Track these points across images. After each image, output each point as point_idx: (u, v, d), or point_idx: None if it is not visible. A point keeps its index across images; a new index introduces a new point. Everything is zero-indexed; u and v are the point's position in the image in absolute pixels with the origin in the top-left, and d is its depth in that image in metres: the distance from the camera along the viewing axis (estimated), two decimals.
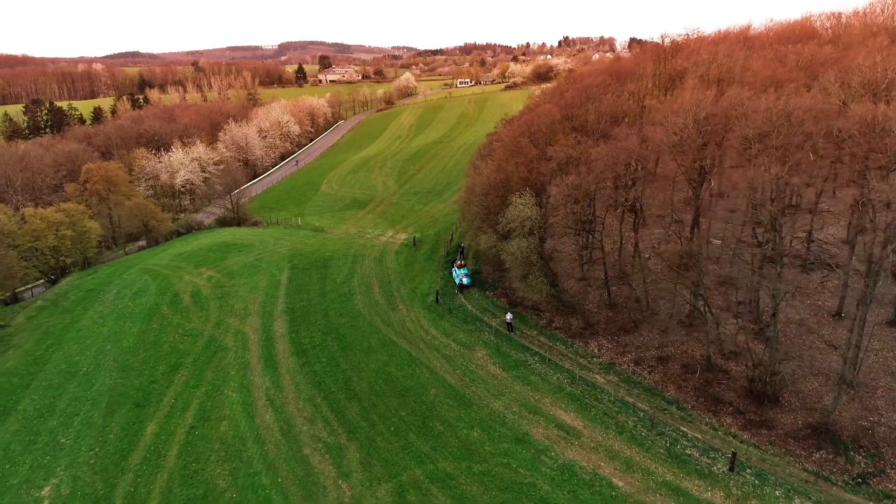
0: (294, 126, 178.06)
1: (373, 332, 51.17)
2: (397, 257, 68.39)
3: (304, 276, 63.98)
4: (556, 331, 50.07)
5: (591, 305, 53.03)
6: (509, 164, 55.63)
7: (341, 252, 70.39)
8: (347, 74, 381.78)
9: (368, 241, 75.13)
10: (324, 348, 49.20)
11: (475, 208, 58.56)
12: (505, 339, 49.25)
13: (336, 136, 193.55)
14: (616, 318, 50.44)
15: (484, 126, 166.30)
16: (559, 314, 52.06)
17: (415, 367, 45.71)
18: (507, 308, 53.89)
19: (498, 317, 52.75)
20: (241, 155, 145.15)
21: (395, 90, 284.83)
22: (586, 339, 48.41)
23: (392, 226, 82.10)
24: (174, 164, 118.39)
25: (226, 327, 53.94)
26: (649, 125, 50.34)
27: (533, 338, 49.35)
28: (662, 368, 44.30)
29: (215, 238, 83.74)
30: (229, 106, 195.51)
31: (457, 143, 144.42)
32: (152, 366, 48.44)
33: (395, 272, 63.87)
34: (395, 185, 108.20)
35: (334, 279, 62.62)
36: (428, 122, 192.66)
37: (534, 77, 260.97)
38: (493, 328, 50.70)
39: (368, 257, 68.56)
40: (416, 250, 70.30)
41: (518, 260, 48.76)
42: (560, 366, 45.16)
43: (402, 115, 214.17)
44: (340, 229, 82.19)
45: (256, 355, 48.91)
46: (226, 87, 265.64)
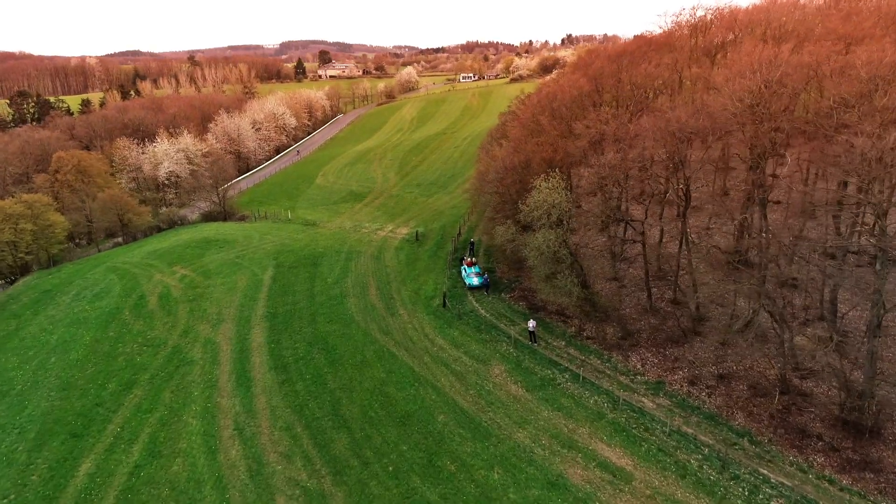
0: (290, 118, 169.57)
1: (368, 343, 42.75)
2: (397, 254, 59.95)
3: (290, 275, 55.56)
4: (588, 341, 41.64)
5: (629, 310, 44.60)
6: (528, 144, 47.25)
7: (334, 248, 61.97)
8: (348, 70, 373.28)
9: (365, 235, 66.73)
10: (309, 362, 40.77)
11: (488, 196, 50.16)
12: (527, 351, 40.82)
13: (335, 130, 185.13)
14: (661, 327, 42.00)
15: (489, 118, 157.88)
16: (590, 321, 43.64)
17: (418, 387, 37.30)
18: (528, 313, 45.45)
19: (517, 324, 44.32)
20: (232, 147, 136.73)
21: (397, 84, 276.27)
22: (626, 352, 39.97)
23: (392, 219, 73.71)
24: (158, 155, 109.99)
25: (194, 336, 45.53)
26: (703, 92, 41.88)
27: (560, 350, 40.92)
28: (725, 389, 35.87)
29: (196, 233, 75.38)
30: (223, 97, 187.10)
31: (461, 134, 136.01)
32: (100, 383, 40.04)
33: (396, 271, 55.44)
34: (395, 176, 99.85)
35: (325, 279, 54.21)
36: (430, 114, 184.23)
37: (539, 70, 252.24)
38: (512, 338, 42.26)
39: (365, 254, 60.14)
40: (419, 246, 61.86)
41: (544, 256, 40.32)
42: (597, 385, 36.76)
43: (404, 108, 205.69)
44: (334, 223, 73.83)
45: (227, 371, 40.49)
46: (221, 80, 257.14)
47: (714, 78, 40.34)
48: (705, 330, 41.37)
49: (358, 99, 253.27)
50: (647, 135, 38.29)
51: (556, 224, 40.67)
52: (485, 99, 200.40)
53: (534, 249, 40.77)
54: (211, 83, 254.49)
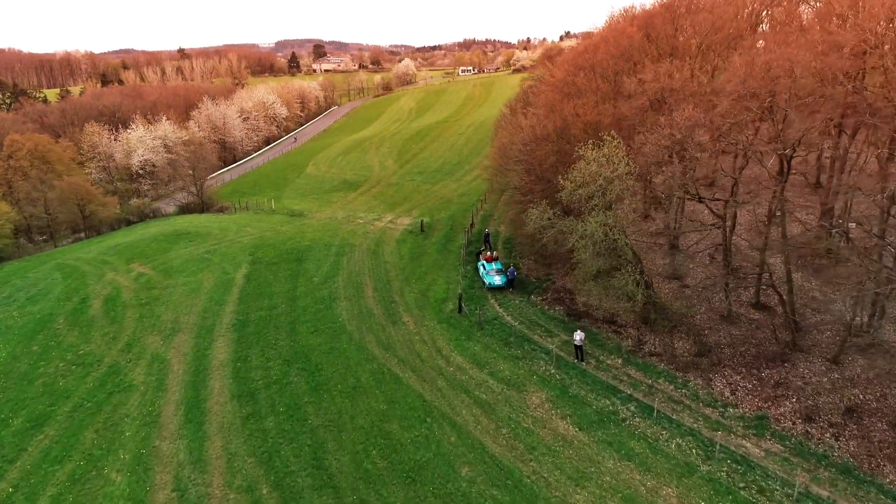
0: (281, 108, 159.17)
1: (363, 361, 32.70)
2: (399, 247, 49.84)
3: (268, 273, 45.41)
4: (652, 359, 31.71)
5: (700, 318, 34.65)
6: (566, 108, 37.22)
7: (323, 241, 51.84)
8: (343, 64, 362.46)
9: (360, 226, 56.60)
10: (284, 387, 30.70)
11: (513, 174, 40.13)
12: (573, 372, 30.86)
13: (328, 122, 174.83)
14: (748, 339, 32.07)
15: (493, 107, 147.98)
16: (651, 331, 33.70)
17: (431, 424, 27.30)
18: (568, 321, 35.59)
19: (555, 335, 34.38)
20: (216, 136, 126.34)
21: (394, 77, 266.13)
22: (706, 374, 30.04)
23: (391, 209, 63.56)
24: (132, 143, 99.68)
25: (139, 351, 35.39)
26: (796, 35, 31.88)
27: (617, 370, 30.98)
28: (858, 429, 25.95)
29: (167, 226, 65.19)
30: (210, 87, 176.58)
31: (465, 121, 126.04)
32: (4, 418, 29.89)
33: (397, 268, 45.34)
34: (394, 164, 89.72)
35: (310, 278, 44.08)
36: (430, 105, 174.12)
37: (544, 59, 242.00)
38: (552, 354, 32.30)
39: (360, 248, 50.01)
40: (425, 238, 51.76)
41: (598, 247, 30.34)
42: (676, 421, 26.82)
43: (402, 99, 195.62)
44: (324, 213, 63.65)
45: (175, 400, 30.40)
46: (210, 71, 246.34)
47: (835, 4, 30.25)
48: (806, 343, 31.46)
49: (353, 91, 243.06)
50: (736, 82, 28.26)
51: (610, 204, 30.64)
52: (487, 89, 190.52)
53: (584, 238, 30.73)
54: (199, 74, 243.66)
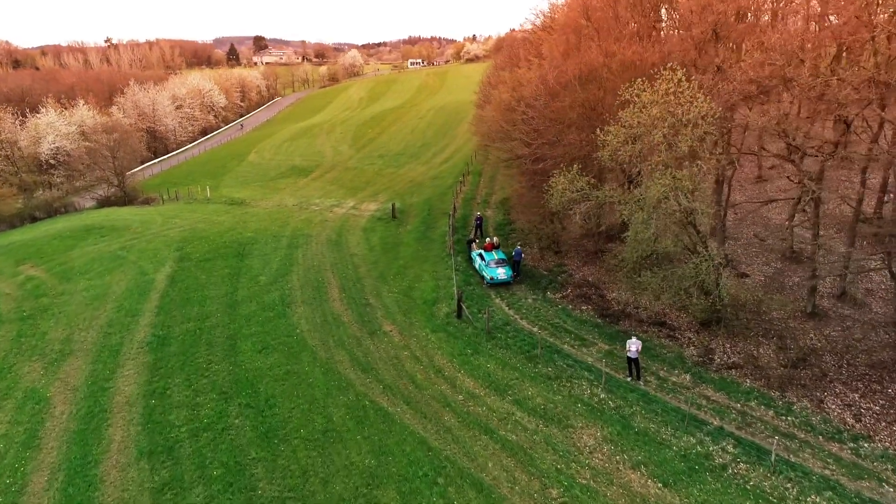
0: (220, 96, 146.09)
1: (335, 390, 23.17)
2: (368, 237, 40.24)
3: (199, 272, 35.12)
4: (731, 372, 23.41)
5: (776, 315, 26.60)
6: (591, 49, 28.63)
7: (270, 232, 41.72)
8: (286, 57, 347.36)
9: (316, 214, 46.62)
10: (220, 437, 20.90)
11: (517, 140, 31.24)
12: (631, 396, 22.22)
13: (272, 112, 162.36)
14: (852, 343, 24.18)
15: (451, 94, 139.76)
16: (717, 335, 25.44)
17: (446, 487, 18.19)
18: (602, 323, 27.11)
19: (591, 343, 25.79)
20: (145, 123, 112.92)
21: (341, 68, 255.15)
22: (810, 392, 21.93)
23: (352, 194, 53.68)
24: (41, 129, 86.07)
25: (7, 385, 24.78)
26: None
27: (688, 390, 22.55)
28: None
29: (77, 221, 53.54)
30: (138, 73, 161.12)
31: (424, 106, 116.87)
32: None
33: (368, 261, 35.80)
34: (349, 149, 79.64)
35: (255, 277, 34.06)
36: (381, 93, 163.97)
37: (496, 50, 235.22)
38: (600, 372, 23.58)
39: (317, 238, 40.15)
40: (399, 225, 42.32)
41: (665, 220, 21.77)
42: (798, 466, 18.64)
43: (350, 89, 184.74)
44: (271, 201, 53.21)
45: (50, 463, 20.17)
46: (139, 59, 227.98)
47: None
48: None
49: (298, 82, 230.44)
50: None
51: (680, 163, 22.10)
52: (441, 78, 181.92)
53: (644, 210, 22.06)
54: (128, 63, 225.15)
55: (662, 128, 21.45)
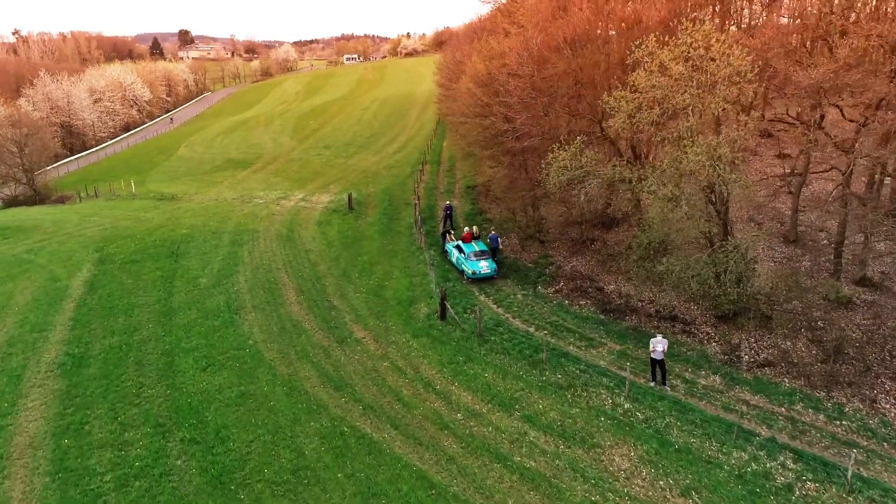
0: (143, 90, 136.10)
1: (303, 414, 18.73)
2: (324, 230, 35.60)
3: (125, 276, 29.66)
4: (764, 370, 20.47)
5: (794, 305, 23.88)
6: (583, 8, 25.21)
7: (209, 228, 36.44)
8: (214, 52, 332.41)
9: (261, 207, 41.44)
10: (157, 484, 16.09)
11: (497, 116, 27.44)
12: (661, 404, 18.86)
13: (202, 107, 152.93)
14: (888, 331, 21.68)
15: (393, 87, 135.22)
16: (738, 328, 22.51)
17: None
18: (607, 320, 23.78)
19: (600, 344, 22.47)
20: (59, 118, 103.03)
21: (274, 63, 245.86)
22: (857, 390, 19.21)
23: (300, 185, 48.58)
24: None
25: None
26: None
27: (722, 393, 19.47)
28: None
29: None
30: (50, 63, 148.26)
31: (367, 98, 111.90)
32: None
33: (328, 258, 31.24)
34: (291, 140, 73.99)
35: (194, 279, 28.93)
36: (319, 87, 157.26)
37: (434, 44, 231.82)
38: (613, 375, 20.14)
39: (265, 234, 35.19)
40: (358, 217, 37.86)
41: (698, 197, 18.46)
42: (876, 483, 15.52)
43: (286, 83, 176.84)
44: (207, 195, 47.47)
45: None
46: (52, 52, 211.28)
47: None
48: None
49: (229, 77, 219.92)
50: None
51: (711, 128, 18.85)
52: (380, 72, 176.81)
53: (669, 184, 18.65)
54: (38, 55, 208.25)
55: (690, 88, 18.09)
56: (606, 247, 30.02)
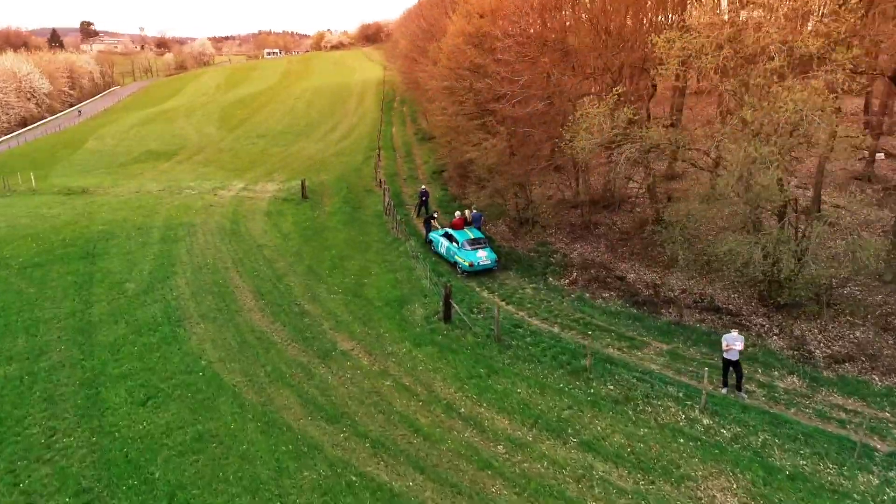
0: (42, 81, 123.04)
1: (289, 461, 13.69)
2: (277, 221, 30.12)
3: (24, 284, 23.31)
4: (842, 367, 17.15)
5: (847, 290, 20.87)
6: None
7: (132, 223, 30.18)
8: (122, 45, 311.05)
9: (194, 198, 35.25)
10: None
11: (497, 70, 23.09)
12: (747, 416, 15.00)
13: (111, 101, 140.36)
14: None
15: (324, 77, 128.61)
16: (792, 317, 19.23)
17: None
18: (643, 315, 20.09)
19: (640, 342, 18.51)
20: None
21: (189, 56, 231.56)
22: None
23: (239, 174, 42.46)
24: None
25: None
26: None
27: (807, 398, 15.89)
28: None
29: None
30: None
31: (297, 88, 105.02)
32: None
33: (287, 252, 25.90)
34: (218, 130, 66.83)
35: (118, 285, 22.97)
36: (241, 80, 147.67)
37: (361, 38, 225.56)
38: (677, 383, 16.22)
39: (204, 227, 29.35)
40: (314, 207, 32.58)
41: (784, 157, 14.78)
42: None
43: (203, 76, 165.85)
44: (126, 187, 40.51)
45: None
46: None
47: None
48: None
49: (139, 71, 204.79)
50: None
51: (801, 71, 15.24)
52: (306, 64, 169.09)
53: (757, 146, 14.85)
54: None
55: (778, 19, 14.38)
56: (613, 231, 26.33)
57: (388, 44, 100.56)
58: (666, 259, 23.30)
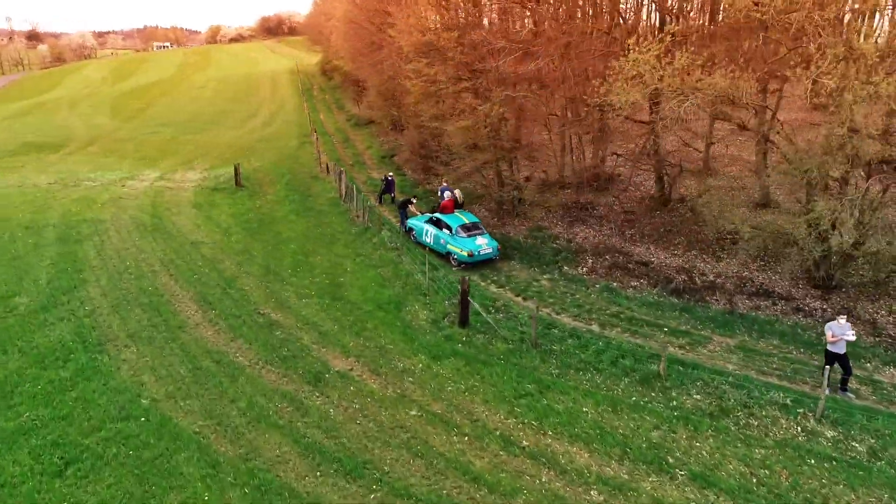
0: None
1: None
2: (210, 214, 24.63)
3: None
4: None
5: None
6: None
7: (17, 221, 23.75)
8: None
9: (97, 190, 28.75)
10: None
11: None
12: (874, 423, 12.00)
13: None
14: None
15: (228, 69, 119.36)
16: (862, 300, 16.80)
17: None
18: (684, 303, 16.98)
19: (700, 337, 15.25)
20: None
21: (68, 49, 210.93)
22: None
23: (150, 164, 35.84)
24: None
25: None
26: None
27: None
28: None
29: None
30: None
31: (200, 78, 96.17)
32: None
33: (230, 250, 20.71)
34: (112, 121, 58.36)
35: (4, 300, 16.99)
36: (131, 72, 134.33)
37: (262, 31, 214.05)
38: (766, 386, 13.08)
39: (116, 223, 23.46)
40: (254, 196, 27.28)
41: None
42: None
43: (86, 69, 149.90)
44: (4, 181, 32.96)
45: None
46: None
47: None
48: None
49: (9, 63, 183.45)
50: None
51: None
52: (205, 56, 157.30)
53: None
54: None
55: None
56: (614, 212, 23.21)
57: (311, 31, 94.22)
58: (683, 241, 20.53)
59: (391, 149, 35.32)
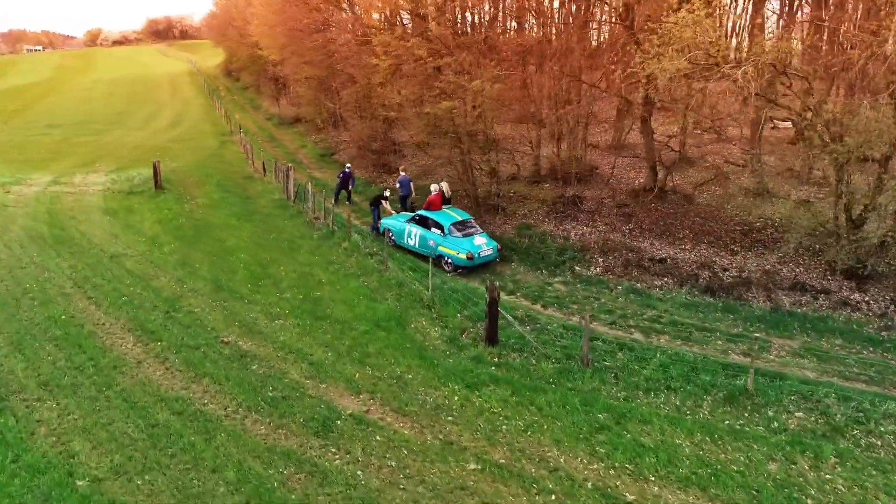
0: None
1: None
2: (128, 221, 20.05)
3: None
4: None
5: None
6: None
7: None
8: None
9: None
10: None
11: None
12: None
13: None
14: None
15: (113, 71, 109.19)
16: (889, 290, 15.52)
17: None
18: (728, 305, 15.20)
19: (759, 342, 13.13)
20: None
21: None
22: None
23: (39, 167, 29.83)
24: None
25: None
26: None
27: None
28: None
29: None
30: None
31: (84, 79, 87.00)
32: None
33: (164, 265, 16.52)
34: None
35: None
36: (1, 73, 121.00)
37: (150, 34, 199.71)
38: (861, 394, 11.13)
39: (2, 236, 18.36)
40: (181, 200, 22.79)
41: None
42: None
43: None
44: None
45: None
46: None
47: None
48: None
49: None
50: None
51: None
52: (86, 60, 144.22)
53: None
54: None
55: None
56: (605, 206, 21.06)
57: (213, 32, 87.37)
58: (689, 235, 18.69)
59: (329, 146, 31.73)
